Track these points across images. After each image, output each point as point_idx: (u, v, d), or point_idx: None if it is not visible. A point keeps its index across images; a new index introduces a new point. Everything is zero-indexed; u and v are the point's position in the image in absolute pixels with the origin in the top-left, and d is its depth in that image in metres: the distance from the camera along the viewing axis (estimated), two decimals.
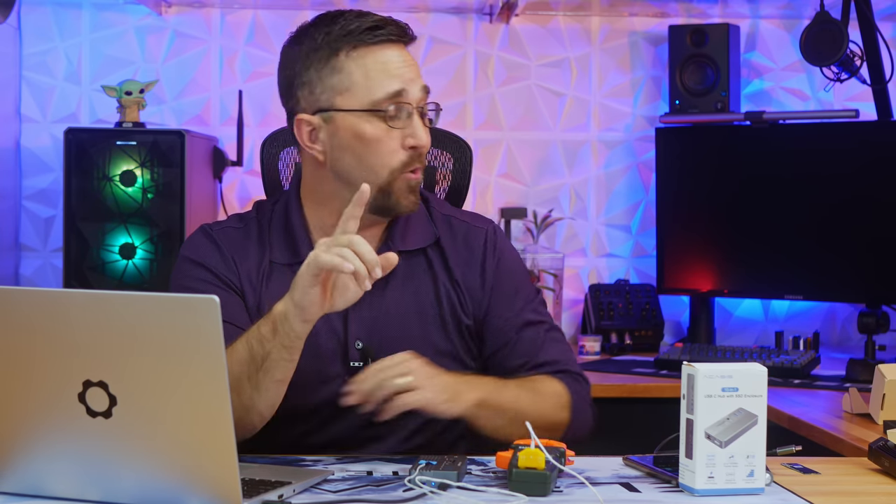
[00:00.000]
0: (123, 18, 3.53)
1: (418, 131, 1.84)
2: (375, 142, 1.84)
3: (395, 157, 1.85)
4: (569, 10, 3.61)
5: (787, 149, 3.34)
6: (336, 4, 3.53)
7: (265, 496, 1.50)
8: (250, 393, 1.72)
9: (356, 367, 1.88)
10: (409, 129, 1.84)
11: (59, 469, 1.48)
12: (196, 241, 1.97)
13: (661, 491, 1.63)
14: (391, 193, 1.86)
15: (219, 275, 1.91)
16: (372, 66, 1.84)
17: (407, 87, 1.84)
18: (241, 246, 1.94)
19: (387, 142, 1.84)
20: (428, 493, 1.55)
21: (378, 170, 1.85)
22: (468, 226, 2.00)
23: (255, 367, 1.71)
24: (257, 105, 3.54)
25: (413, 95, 1.85)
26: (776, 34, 3.66)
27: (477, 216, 2.05)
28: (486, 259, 1.97)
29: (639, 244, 3.67)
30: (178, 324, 1.38)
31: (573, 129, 3.65)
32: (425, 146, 1.86)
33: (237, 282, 1.91)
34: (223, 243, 1.94)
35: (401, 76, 1.84)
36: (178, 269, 1.96)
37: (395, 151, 1.84)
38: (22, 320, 1.44)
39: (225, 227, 1.98)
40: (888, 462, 1.74)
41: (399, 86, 1.84)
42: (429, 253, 1.96)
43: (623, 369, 3.15)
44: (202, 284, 1.88)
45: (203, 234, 1.97)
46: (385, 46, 1.85)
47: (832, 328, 3.63)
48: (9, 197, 3.43)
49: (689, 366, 1.61)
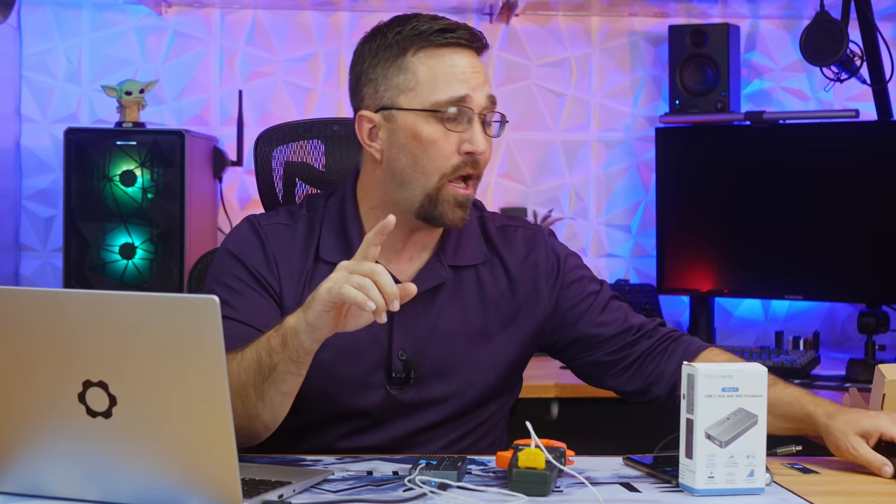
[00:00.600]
0: (123, 18, 3.53)
1: (476, 136, 1.81)
2: (431, 143, 1.81)
3: (449, 162, 1.81)
4: (569, 10, 3.61)
5: (788, 149, 3.34)
6: (336, 5, 3.53)
7: (265, 496, 1.50)
8: (255, 402, 1.71)
9: (398, 377, 1.87)
10: (468, 133, 1.81)
11: (59, 469, 1.48)
12: (241, 234, 1.92)
13: (661, 491, 1.63)
14: (438, 203, 1.82)
15: (257, 276, 1.87)
16: (438, 68, 1.82)
17: (471, 93, 1.81)
18: (286, 245, 1.90)
19: (442, 144, 1.81)
20: (428, 493, 1.54)
21: (430, 172, 1.82)
22: (523, 230, 2.00)
23: (261, 377, 1.69)
24: (257, 105, 3.54)
25: (476, 102, 1.82)
26: (776, 34, 3.66)
27: (523, 220, 2.06)
28: (546, 256, 1.97)
29: (639, 244, 3.67)
30: (178, 324, 1.38)
31: (573, 129, 3.65)
32: (482, 153, 1.82)
33: (276, 284, 1.88)
34: (269, 240, 1.90)
35: (466, 81, 1.82)
36: (218, 260, 1.92)
37: (449, 155, 1.81)
38: (22, 320, 1.44)
39: (274, 223, 1.93)
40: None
41: (463, 91, 1.81)
42: (479, 270, 1.94)
43: None
44: (238, 283, 1.86)
45: (250, 227, 1.92)
46: (455, 50, 1.83)
47: (832, 328, 3.63)
48: (9, 197, 3.43)
49: (689, 366, 1.61)
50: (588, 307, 1.95)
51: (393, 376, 1.87)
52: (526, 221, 2.05)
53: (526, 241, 1.97)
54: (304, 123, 2.26)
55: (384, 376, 1.87)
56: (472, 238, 1.94)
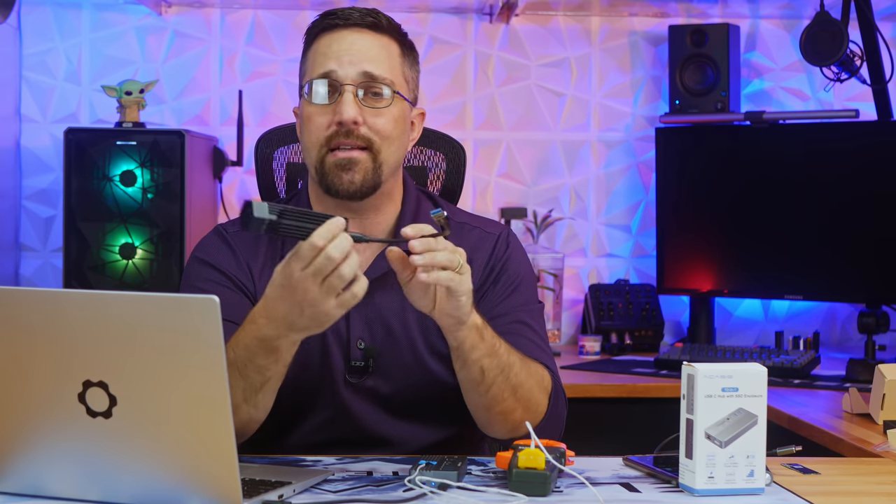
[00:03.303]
0: (123, 18, 3.53)
1: (342, 107, 1.83)
2: (308, 120, 1.86)
3: (322, 134, 1.85)
4: (569, 10, 3.61)
5: (787, 149, 3.34)
6: (335, 4, 3.53)
7: (265, 496, 1.50)
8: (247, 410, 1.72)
9: (357, 366, 1.88)
10: (339, 105, 1.84)
11: (59, 469, 1.48)
12: (209, 242, 1.96)
13: (661, 491, 1.63)
14: (325, 173, 1.85)
15: (230, 276, 1.90)
16: (316, 50, 1.88)
17: (336, 68, 1.84)
18: (254, 246, 1.93)
19: (316, 119, 1.85)
20: (428, 494, 1.55)
21: (310, 147, 1.86)
22: (480, 231, 1.98)
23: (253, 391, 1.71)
24: (257, 105, 3.54)
25: (343, 74, 1.84)
26: (776, 34, 3.66)
27: (491, 222, 2.04)
28: (492, 256, 1.96)
29: (639, 244, 3.67)
30: (178, 324, 1.38)
31: (573, 129, 3.65)
32: (347, 121, 1.83)
33: (249, 284, 1.90)
34: (237, 245, 1.93)
35: (334, 57, 1.85)
36: (188, 269, 1.95)
37: (321, 128, 1.85)
38: (22, 320, 1.44)
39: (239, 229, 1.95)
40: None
41: (327, 66, 1.85)
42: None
43: (623, 369, 3.15)
44: (212, 285, 1.87)
45: (217, 235, 1.96)
46: (334, 31, 1.87)
47: (832, 328, 3.64)
48: (9, 197, 3.43)
49: (689, 366, 1.61)
50: (490, 318, 1.84)
51: (352, 365, 1.88)
52: (493, 224, 2.02)
53: (475, 242, 1.95)
54: None
55: (344, 365, 1.89)
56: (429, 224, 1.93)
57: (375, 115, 1.85)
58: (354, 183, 1.85)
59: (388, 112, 1.86)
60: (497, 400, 1.76)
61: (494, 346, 1.74)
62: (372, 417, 1.89)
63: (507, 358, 1.76)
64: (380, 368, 1.89)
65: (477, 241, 1.96)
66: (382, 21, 1.89)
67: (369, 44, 1.87)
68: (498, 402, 1.76)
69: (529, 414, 1.79)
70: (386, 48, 1.88)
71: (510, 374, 1.74)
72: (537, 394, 1.83)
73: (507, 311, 1.92)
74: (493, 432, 1.85)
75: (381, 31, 1.89)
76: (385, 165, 1.86)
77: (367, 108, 1.84)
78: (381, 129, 1.85)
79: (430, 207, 1.97)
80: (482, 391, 1.76)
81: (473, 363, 1.73)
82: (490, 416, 1.80)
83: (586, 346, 3.39)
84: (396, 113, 1.87)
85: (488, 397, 1.76)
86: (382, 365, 1.89)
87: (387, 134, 1.86)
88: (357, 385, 1.89)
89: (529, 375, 1.81)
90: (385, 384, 1.89)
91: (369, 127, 1.84)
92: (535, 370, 1.84)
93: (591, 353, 3.38)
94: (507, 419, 1.79)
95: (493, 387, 1.75)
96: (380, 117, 1.85)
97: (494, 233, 1.99)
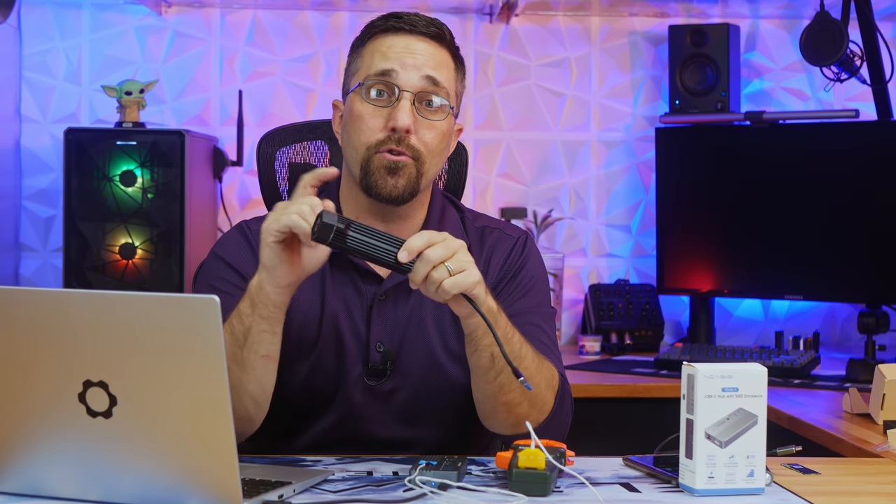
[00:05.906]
0: (123, 18, 3.53)
1: (398, 113, 1.83)
2: (359, 118, 1.85)
3: (375, 136, 1.84)
4: (569, 10, 3.61)
5: (787, 149, 3.34)
6: (336, 5, 3.53)
7: (265, 496, 1.50)
8: (238, 373, 1.72)
9: (376, 368, 1.88)
10: (395, 111, 1.84)
11: (59, 469, 1.48)
12: (231, 239, 1.95)
13: (661, 491, 1.63)
14: (370, 172, 1.85)
15: (246, 277, 1.87)
16: (377, 50, 1.87)
17: (398, 70, 1.84)
18: None
19: (368, 119, 1.84)
20: (428, 493, 1.55)
21: (358, 146, 1.86)
22: (500, 232, 2.00)
23: (238, 345, 1.72)
24: (257, 105, 3.54)
25: (404, 79, 1.84)
26: (776, 34, 3.66)
27: (511, 226, 2.06)
28: (509, 257, 1.97)
29: (639, 244, 3.67)
30: (178, 324, 1.38)
31: (573, 129, 3.65)
32: (401, 129, 1.83)
33: None
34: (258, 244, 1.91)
35: (397, 59, 1.85)
36: (207, 264, 1.95)
37: (375, 130, 1.84)
38: (22, 320, 1.44)
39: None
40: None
41: (388, 66, 1.85)
42: None
43: (623, 369, 3.15)
44: (227, 286, 1.87)
45: (239, 232, 1.95)
46: (398, 34, 1.88)
47: (832, 328, 3.64)
48: (9, 197, 3.43)
49: (689, 366, 1.61)
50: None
51: (370, 367, 1.88)
52: (514, 228, 2.04)
53: (493, 242, 1.98)
54: (309, 125, 2.26)
55: (362, 367, 1.89)
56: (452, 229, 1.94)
57: (428, 127, 1.86)
58: (398, 188, 1.85)
59: (439, 126, 1.87)
60: (504, 389, 1.76)
61: (507, 333, 1.74)
62: (380, 421, 1.89)
63: (519, 348, 1.76)
64: (398, 371, 1.89)
65: (496, 241, 1.99)
66: (446, 34, 1.91)
67: (432, 52, 1.88)
68: (505, 391, 1.76)
69: (534, 410, 1.80)
70: (445, 60, 1.90)
71: (520, 364, 1.74)
72: (544, 391, 1.83)
73: (520, 312, 1.92)
74: (495, 425, 1.84)
75: (443, 43, 1.90)
76: (425, 177, 1.88)
77: (421, 118, 1.85)
78: (430, 143, 1.86)
79: (454, 214, 2.00)
80: (490, 378, 1.76)
81: (485, 348, 1.74)
82: (495, 406, 1.79)
83: (586, 346, 3.39)
84: (445, 128, 1.88)
85: (496, 385, 1.76)
86: (401, 367, 1.89)
87: (433, 148, 1.87)
88: (375, 388, 1.89)
89: (539, 371, 1.81)
90: (402, 386, 1.89)
91: (419, 138, 1.85)
92: (545, 367, 1.84)
93: (591, 353, 3.38)
94: (511, 411, 1.79)
95: (502, 375, 1.74)
96: (431, 130, 1.86)
97: (513, 235, 2.01)
